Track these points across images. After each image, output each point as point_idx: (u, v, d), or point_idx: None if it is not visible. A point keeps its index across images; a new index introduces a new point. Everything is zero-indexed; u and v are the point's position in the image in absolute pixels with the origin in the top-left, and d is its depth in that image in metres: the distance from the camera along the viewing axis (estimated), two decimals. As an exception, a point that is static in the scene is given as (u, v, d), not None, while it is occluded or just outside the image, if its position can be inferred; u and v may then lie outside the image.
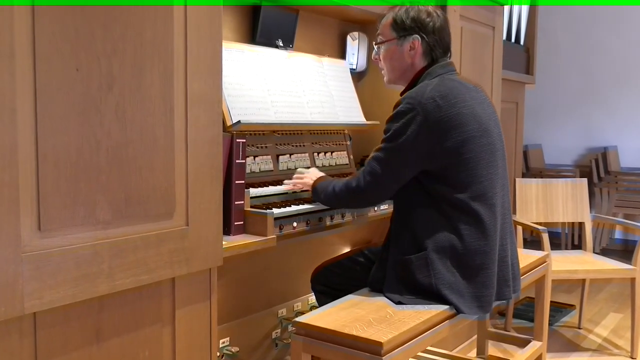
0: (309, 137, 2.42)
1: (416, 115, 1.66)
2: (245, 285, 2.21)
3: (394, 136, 1.70)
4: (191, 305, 1.47)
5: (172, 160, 1.37)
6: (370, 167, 1.77)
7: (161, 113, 1.33)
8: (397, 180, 1.76)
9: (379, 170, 1.74)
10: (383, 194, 1.81)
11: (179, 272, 1.41)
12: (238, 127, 1.98)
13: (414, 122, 1.66)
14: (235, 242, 1.63)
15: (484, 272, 1.70)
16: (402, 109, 1.69)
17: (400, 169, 1.73)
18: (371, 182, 1.76)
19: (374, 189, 1.78)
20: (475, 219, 1.69)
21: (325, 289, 2.13)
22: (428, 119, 1.65)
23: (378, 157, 1.75)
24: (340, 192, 1.86)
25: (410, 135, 1.67)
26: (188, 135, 1.40)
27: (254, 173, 2.14)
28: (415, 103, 1.67)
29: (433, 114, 1.65)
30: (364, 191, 1.79)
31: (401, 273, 1.75)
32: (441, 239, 1.69)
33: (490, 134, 1.76)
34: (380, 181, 1.75)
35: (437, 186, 1.71)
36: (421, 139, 1.67)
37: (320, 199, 1.95)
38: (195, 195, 1.43)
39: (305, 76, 2.41)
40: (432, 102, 1.66)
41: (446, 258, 1.69)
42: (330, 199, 1.91)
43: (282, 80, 2.30)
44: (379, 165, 1.74)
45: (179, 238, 1.40)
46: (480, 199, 1.70)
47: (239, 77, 2.12)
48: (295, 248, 2.43)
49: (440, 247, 1.69)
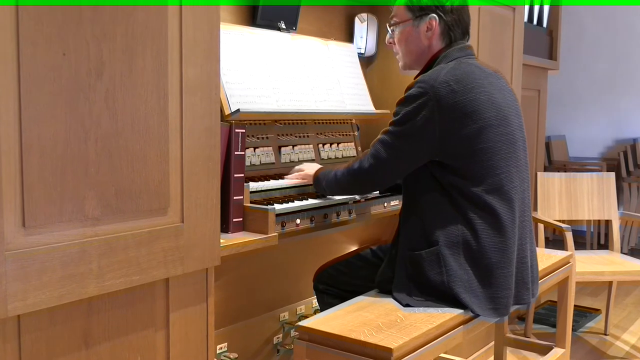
0: (314, 127, 2.42)
1: (428, 100, 1.66)
2: (244, 287, 2.21)
3: (403, 120, 1.71)
4: (186, 308, 1.48)
5: (166, 152, 1.37)
6: (375, 149, 1.78)
7: (154, 101, 1.34)
8: (402, 167, 1.76)
9: (383, 154, 1.75)
10: (386, 179, 1.82)
11: (174, 273, 1.42)
12: (237, 116, 1.98)
13: (426, 107, 1.66)
14: (234, 241, 1.63)
15: (500, 272, 1.70)
16: (414, 93, 1.69)
17: (406, 155, 1.73)
18: (374, 166, 1.78)
19: (377, 173, 1.79)
20: (490, 214, 1.69)
21: (329, 288, 2.13)
22: (441, 104, 1.65)
23: (384, 141, 1.76)
24: (342, 176, 1.89)
25: (421, 120, 1.67)
26: (183, 124, 1.40)
27: (254, 166, 2.14)
28: (428, 87, 1.67)
29: (446, 99, 1.65)
30: (367, 175, 1.80)
31: (411, 270, 1.76)
32: (453, 232, 1.69)
33: (510, 123, 1.75)
34: (384, 165, 1.76)
35: (448, 177, 1.71)
36: (432, 125, 1.67)
37: (321, 187, 1.97)
38: (190, 190, 1.44)
39: (309, 61, 2.41)
40: (446, 86, 1.66)
41: (459, 254, 1.69)
42: (331, 184, 1.93)
43: (285, 65, 2.30)
44: (385, 149, 1.75)
45: (173, 236, 1.40)
46: (496, 192, 1.70)
47: (238, 62, 2.12)
48: (299, 247, 2.43)
49: (453, 242, 1.69)
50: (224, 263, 1.55)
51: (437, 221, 1.72)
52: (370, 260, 2.09)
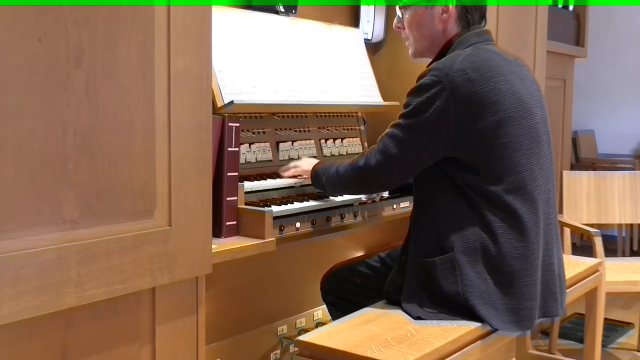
0: (315, 120, 2.42)
1: (442, 89, 1.66)
2: (238, 298, 2.22)
3: (415, 112, 1.71)
4: (175, 321, 1.48)
5: (152, 148, 1.37)
6: (383, 144, 1.77)
7: (139, 92, 1.34)
8: (414, 165, 1.77)
9: (392, 150, 1.75)
10: (395, 178, 1.82)
11: (160, 281, 1.42)
12: (231, 109, 1.98)
13: (440, 98, 1.66)
14: (227, 246, 1.64)
15: (523, 281, 1.70)
16: (426, 82, 1.69)
17: (418, 152, 1.73)
18: (382, 163, 1.77)
19: (385, 171, 1.79)
20: (511, 216, 1.69)
21: (337, 301, 2.14)
22: (456, 94, 1.65)
23: (393, 135, 1.75)
24: (344, 173, 1.87)
25: (434, 112, 1.67)
26: (171, 118, 1.41)
27: (250, 163, 2.14)
28: (442, 75, 1.67)
29: (463, 88, 1.65)
30: (373, 172, 1.79)
31: (422, 278, 1.76)
32: (471, 237, 1.70)
33: (533, 115, 1.75)
34: (392, 163, 1.76)
35: (464, 176, 1.71)
36: (447, 118, 1.67)
37: (321, 183, 1.96)
38: (179, 190, 1.44)
39: (310, 47, 2.41)
40: (463, 74, 1.66)
41: (476, 261, 1.69)
42: (332, 181, 1.92)
43: (284, 52, 2.30)
44: (394, 144, 1.75)
45: (160, 241, 1.41)
46: (517, 192, 1.70)
47: (232, 48, 2.12)
48: (299, 253, 2.43)
49: (470, 248, 1.70)
50: (216, 271, 1.56)
51: (452, 225, 1.72)
52: (379, 269, 2.09)
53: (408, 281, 1.79)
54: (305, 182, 2.11)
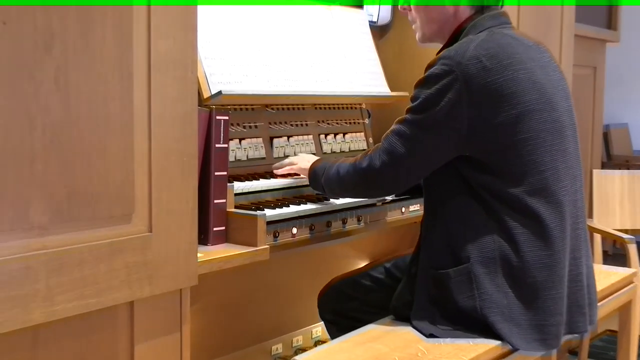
0: (314, 112, 2.42)
1: (454, 80, 1.66)
2: (228, 312, 2.22)
3: (424, 106, 1.71)
4: (156, 339, 1.48)
5: (130, 144, 1.37)
6: (389, 143, 1.77)
7: (116, 81, 1.34)
8: (423, 166, 1.77)
9: (399, 149, 1.74)
10: (402, 180, 1.81)
11: (139, 294, 1.42)
12: (218, 100, 1.98)
13: (451, 90, 1.66)
14: (215, 254, 1.64)
15: (548, 294, 1.70)
16: (436, 72, 1.69)
17: (428, 150, 1.73)
18: (388, 164, 1.77)
19: (391, 174, 1.78)
20: (534, 222, 1.70)
21: (335, 318, 2.13)
22: (470, 85, 1.65)
23: (400, 132, 1.75)
24: (345, 175, 1.87)
25: (445, 106, 1.67)
26: (152, 110, 1.41)
27: (240, 162, 2.14)
28: (454, 64, 1.67)
29: (477, 79, 1.65)
30: (378, 175, 1.79)
31: (435, 293, 1.76)
32: (489, 246, 1.70)
33: (556, 107, 1.76)
34: (400, 164, 1.76)
35: (481, 177, 1.71)
36: (459, 112, 1.67)
37: (319, 184, 1.96)
38: (161, 192, 1.44)
39: (309, 31, 2.41)
40: (477, 63, 1.66)
41: (496, 272, 1.69)
42: (332, 182, 1.92)
43: (278, 36, 2.30)
44: (400, 142, 1.74)
45: (139, 248, 1.41)
46: (540, 194, 1.70)
47: (220, 32, 2.12)
48: (296, 262, 2.43)
49: (488, 258, 1.70)
50: (202, 282, 1.56)
51: (468, 232, 1.72)
52: (384, 282, 2.09)
53: (418, 296, 1.79)
54: (302, 181, 2.12)
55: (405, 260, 2.01)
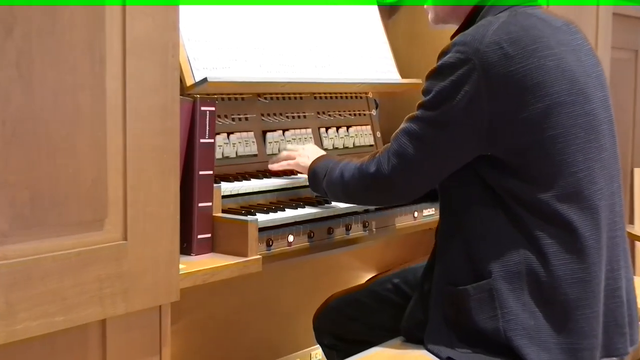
0: (313, 102, 2.42)
1: (471, 70, 1.66)
2: (214, 333, 2.22)
3: (437, 101, 1.71)
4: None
5: (102, 140, 1.37)
6: (399, 144, 1.77)
7: (86, 67, 1.34)
8: (439, 169, 1.76)
9: (410, 151, 1.74)
10: (415, 187, 1.82)
11: (113, 312, 1.42)
12: (204, 88, 1.99)
13: (468, 81, 1.66)
14: (199, 266, 1.64)
15: (582, 313, 1.71)
16: (451, 60, 1.69)
17: (444, 152, 1.73)
18: (398, 168, 1.77)
19: (402, 179, 1.78)
20: (565, 231, 1.70)
21: (335, 342, 2.13)
22: (489, 75, 1.65)
23: (411, 131, 1.75)
24: (351, 180, 1.87)
25: (462, 100, 1.67)
26: (127, 100, 1.41)
27: (229, 159, 2.15)
28: (471, 51, 1.67)
29: (498, 67, 1.65)
30: (387, 181, 1.79)
31: (451, 312, 1.76)
32: (513, 258, 1.70)
33: (590, 98, 1.75)
34: (412, 168, 1.76)
35: (504, 180, 1.71)
36: (478, 107, 1.66)
37: (320, 186, 1.96)
38: (137, 193, 1.44)
39: (307, 10, 2.41)
40: (497, 49, 1.66)
41: (522, 289, 1.69)
42: (334, 186, 1.92)
43: (272, 16, 2.30)
44: (412, 143, 1.74)
45: (112, 259, 1.41)
46: (572, 199, 1.70)
47: (206, 12, 2.12)
48: (292, 275, 2.44)
49: (512, 272, 1.70)
50: (185, 298, 1.56)
51: (490, 243, 1.72)
52: (392, 300, 2.09)
53: (433, 316, 1.79)
54: (299, 181, 2.12)
55: (416, 273, 2.01)
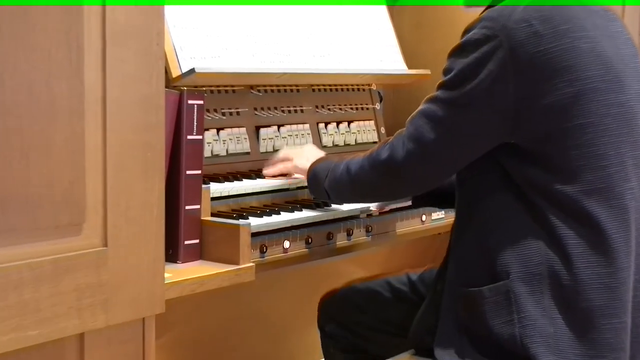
0: (311, 95, 2.42)
1: (497, 47, 1.66)
2: (202, 348, 2.22)
3: (459, 80, 1.70)
4: (112, 380, 1.48)
5: (80, 136, 1.37)
6: (416, 127, 1.76)
7: (62, 56, 1.34)
8: (459, 155, 1.76)
9: (429, 135, 1.73)
10: (429, 176, 1.81)
11: (92, 325, 1.42)
12: (191, 79, 1.99)
13: (493, 59, 1.66)
14: (186, 274, 1.64)
15: (608, 322, 1.70)
16: (475, 36, 1.69)
17: (465, 136, 1.72)
18: (414, 153, 1.75)
19: (419, 166, 1.77)
20: (592, 230, 1.69)
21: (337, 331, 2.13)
22: (517, 54, 1.65)
23: (429, 112, 1.74)
24: (360, 172, 1.86)
25: (485, 80, 1.66)
26: (107, 92, 1.40)
27: (218, 157, 2.15)
28: (498, 27, 1.66)
29: (526, 46, 1.65)
30: (403, 168, 1.78)
31: (464, 315, 1.76)
32: (533, 258, 1.70)
33: (626, 89, 1.75)
34: (430, 153, 1.75)
35: (526, 170, 1.71)
36: (503, 88, 1.66)
37: (321, 188, 1.96)
38: (118, 195, 1.44)
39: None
40: (527, 26, 1.65)
41: (541, 293, 1.69)
42: (339, 185, 1.91)
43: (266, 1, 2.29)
44: (431, 126, 1.73)
45: (91, 267, 1.41)
46: (601, 195, 1.69)
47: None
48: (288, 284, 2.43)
49: (532, 274, 1.69)
50: (170, 310, 1.56)
51: (509, 241, 1.72)
52: (406, 296, 2.09)
53: (444, 319, 1.79)
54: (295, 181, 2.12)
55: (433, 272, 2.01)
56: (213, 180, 2.00)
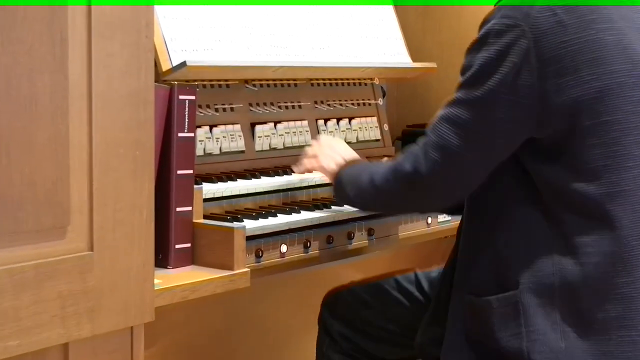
0: (310, 90, 2.42)
1: (520, 36, 1.65)
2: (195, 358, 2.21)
3: (480, 76, 1.69)
4: (99, 393, 1.48)
5: (64, 133, 1.37)
6: (438, 134, 1.74)
7: (45, 49, 1.33)
8: (487, 161, 1.73)
9: (454, 141, 1.71)
10: (464, 183, 1.78)
11: (77, 334, 1.41)
12: (182, 73, 1.99)
13: (515, 50, 1.65)
14: (177, 280, 1.64)
15: (626, 335, 1.70)
16: (495, 27, 1.68)
17: (492, 136, 1.70)
18: (441, 163, 1.73)
19: (447, 176, 1.75)
20: (611, 236, 1.68)
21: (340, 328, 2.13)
22: (541, 44, 1.64)
23: (451, 117, 1.73)
24: (384, 184, 1.84)
25: (508, 73, 1.65)
26: (93, 88, 1.40)
27: (212, 156, 2.14)
28: (520, 16, 1.65)
29: (550, 36, 1.64)
30: (429, 180, 1.76)
31: (472, 326, 1.76)
32: (546, 268, 1.69)
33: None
34: (457, 161, 1.73)
35: (545, 169, 1.70)
36: (527, 80, 1.65)
37: (346, 195, 1.95)
38: (105, 197, 1.43)
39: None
40: (550, 15, 1.65)
41: (552, 305, 1.69)
42: (364, 195, 1.90)
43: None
44: (454, 131, 1.71)
45: (76, 272, 1.40)
46: (623, 199, 1.68)
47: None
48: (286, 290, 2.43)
49: (544, 284, 1.69)
50: (161, 318, 1.55)
51: (519, 247, 1.72)
52: (413, 296, 2.09)
53: (451, 329, 1.79)
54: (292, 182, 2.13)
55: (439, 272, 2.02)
56: (205, 181, 1.99)
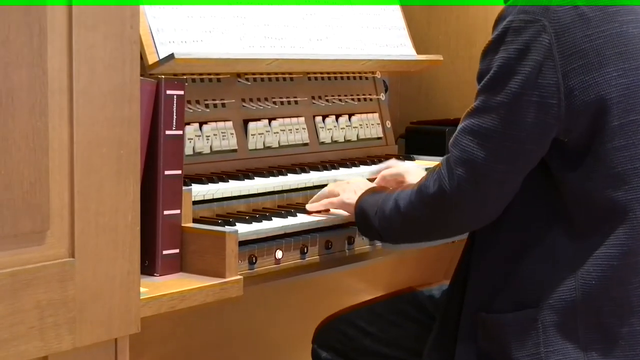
0: (307, 85, 2.42)
1: (540, 32, 1.64)
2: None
3: (501, 79, 1.68)
4: (80, 410, 1.48)
5: (43, 132, 1.37)
6: (462, 149, 1.72)
7: (22, 40, 1.33)
8: (516, 169, 1.71)
9: (479, 153, 1.70)
10: (495, 201, 1.75)
11: (57, 347, 1.41)
12: (170, 66, 1.99)
13: (536, 46, 1.65)
14: (165, 289, 1.64)
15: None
16: (513, 24, 1.67)
17: (519, 142, 1.69)
18: (466, 178, 1.71)
19: (475, 194, 1.73)
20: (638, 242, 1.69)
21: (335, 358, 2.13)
22: (563, 39, 1.64)
23: (473, 128, 1.72)
24: (410, 209, 1.82)
25: (532, 72, 1.64)
26: (74, 82, 1.40)
27: (202, 155, 2.15)
28: (539, 10, 1.65)
29: (572, 30, 1.64)
30: (455, 199, 1.74)
31: (485, 345, 1.76)
32: (568, 283, 1.69)
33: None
34: (483, 173, 1.71)
35: (567, 175, 1.70)
36: (551, 78, 1.64)
37: (371, 228, 1.92)
38: (87, 199, 1.43)
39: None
40: (571, 8, 1.65)
41: (575, 323, 1.69)
42: (390, 223, 1.87)
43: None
44: (477, 142, 1.70)
45: (56, 281, 1.40)
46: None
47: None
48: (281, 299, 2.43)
49: (566, 302, 1.69)
50: (146, 329, 1.55)
51: (538, 261, 1.72)
52: (413, 316, 2.09)
53: (462, 349, 1.79)
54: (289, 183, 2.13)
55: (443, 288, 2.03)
56: (195, 182, 1.99)
